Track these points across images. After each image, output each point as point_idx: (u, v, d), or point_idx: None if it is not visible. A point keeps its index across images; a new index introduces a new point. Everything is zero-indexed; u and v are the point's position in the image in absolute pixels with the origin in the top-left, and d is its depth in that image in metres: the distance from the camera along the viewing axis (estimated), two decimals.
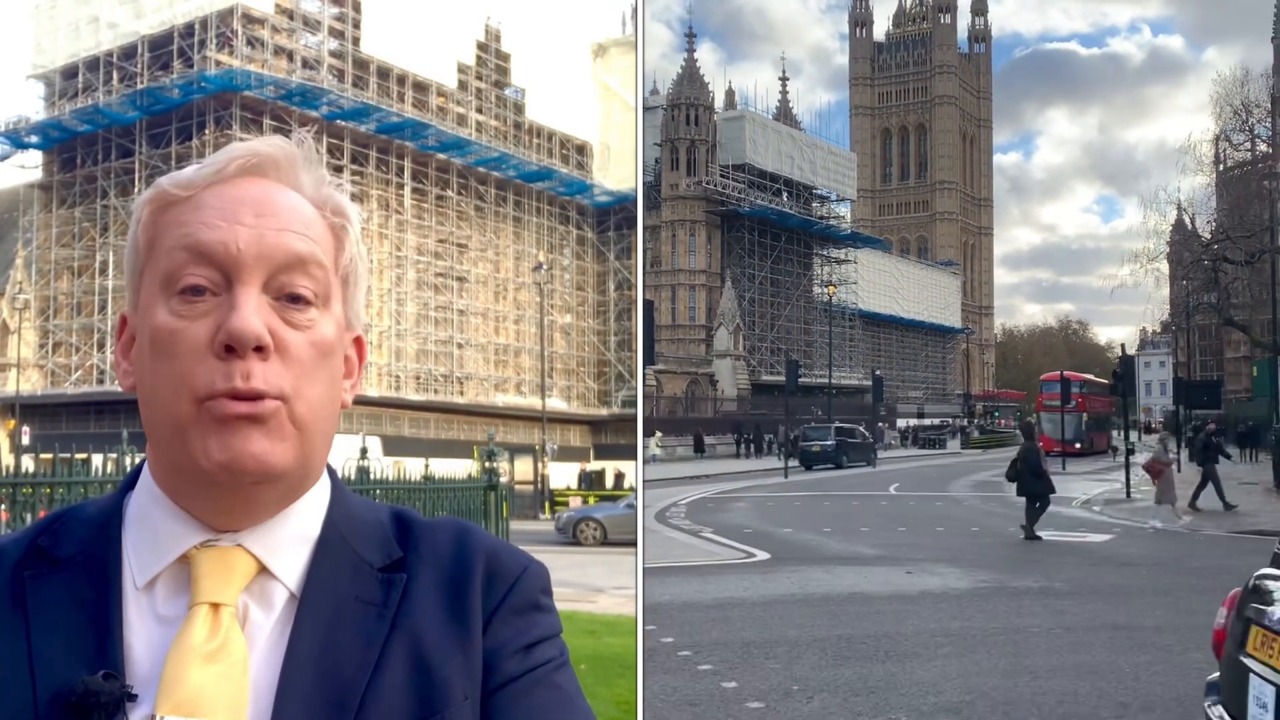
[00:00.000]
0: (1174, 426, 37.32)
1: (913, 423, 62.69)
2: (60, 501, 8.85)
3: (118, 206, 36.71)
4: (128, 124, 36.65)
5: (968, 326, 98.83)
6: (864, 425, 41.76)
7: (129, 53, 36.78)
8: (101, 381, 35.92)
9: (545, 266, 41.10)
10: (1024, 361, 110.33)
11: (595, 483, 31.71)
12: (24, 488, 8.96)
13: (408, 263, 39.67)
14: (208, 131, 35.09)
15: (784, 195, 66.78)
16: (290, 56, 37.02)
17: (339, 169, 34.80)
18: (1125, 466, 23.52)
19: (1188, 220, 40.60)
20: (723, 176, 62.68)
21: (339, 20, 38.17)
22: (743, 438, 44.20)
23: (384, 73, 38.82)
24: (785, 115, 79.00)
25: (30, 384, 37.61)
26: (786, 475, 31.36)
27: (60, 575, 0.87)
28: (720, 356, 57.78)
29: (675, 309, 62.67)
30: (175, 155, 34.61)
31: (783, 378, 43.57)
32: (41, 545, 0.89)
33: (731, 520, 18.27)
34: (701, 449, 41.66)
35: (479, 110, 41.93)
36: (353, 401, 0.95)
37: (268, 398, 0.83)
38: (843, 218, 74.99)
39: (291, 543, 0.89)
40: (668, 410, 49.25)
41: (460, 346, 41.42)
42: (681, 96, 62.95)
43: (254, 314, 0.83)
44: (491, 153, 41.68)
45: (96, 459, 9.85)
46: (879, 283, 78.29)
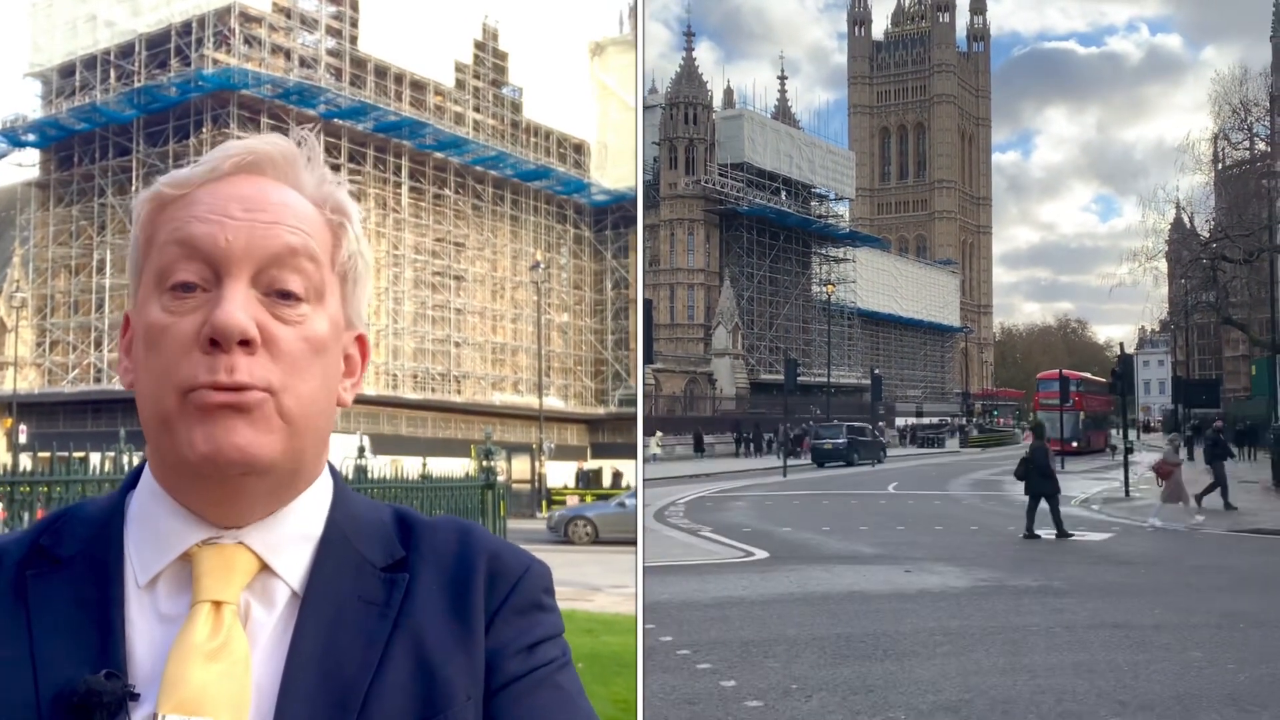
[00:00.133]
0: (1172, 425, 37.33)
1: (911, 421, 62.76)
2: (58, 500, 8.85)
3: (115, 205, 36.65)
4: (125, 122, 36.59)
5: (966, 325, 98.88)
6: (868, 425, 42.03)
7: (126, 51, 36.72)
8: (99, 380, 35.88)
9: (542, 265, 41.07)
10: (1023, 360, 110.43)
11: (593, 481, 31.72)
12: (22, 486, 8.97)
13: (405, 261, 39.63)
14: (205, 130, 35.04)
15: (782, 194, 66.79)
16: (288, 55, 36.96)
17: (336, 168, 34.41)
18: (1124, 465, 23.54)
19: (1186, 219, 40.63)
20: (721, 175, 62.69)
21: (336, 19, 38.12)
22: (742, 437, 44.22)
23: (381, 71, 38.78)
24: (784, 114, 79.00)
25: (27, 382, 37.57)
26: (785, 474, 31.36)
27: (62, 574, 0.86)
28: (719, 355, 57.79)
29: (674, 308, 62.68)
30: (173, 154, 34.54)
31: (781, 377, 43.58)
32: (43, 544, 0.88)
33: (730, 519, 18.28)
34: (701, 448, 41.68)
35: (476, 109, 41.90)
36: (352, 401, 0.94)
37: (253, 390, 0.82)
38: (841, 216, 75.02)
39: (294, 541, 0.89)
40: (666, 409, 49.25)
41: (457, 345, 41.38)
42: (680, 95, 62.94)
43: (239, 308, 0.82)
44: (489, 151, 41.64)
45: (94, 457, 9.85)
46: (878, 282, 78.32)
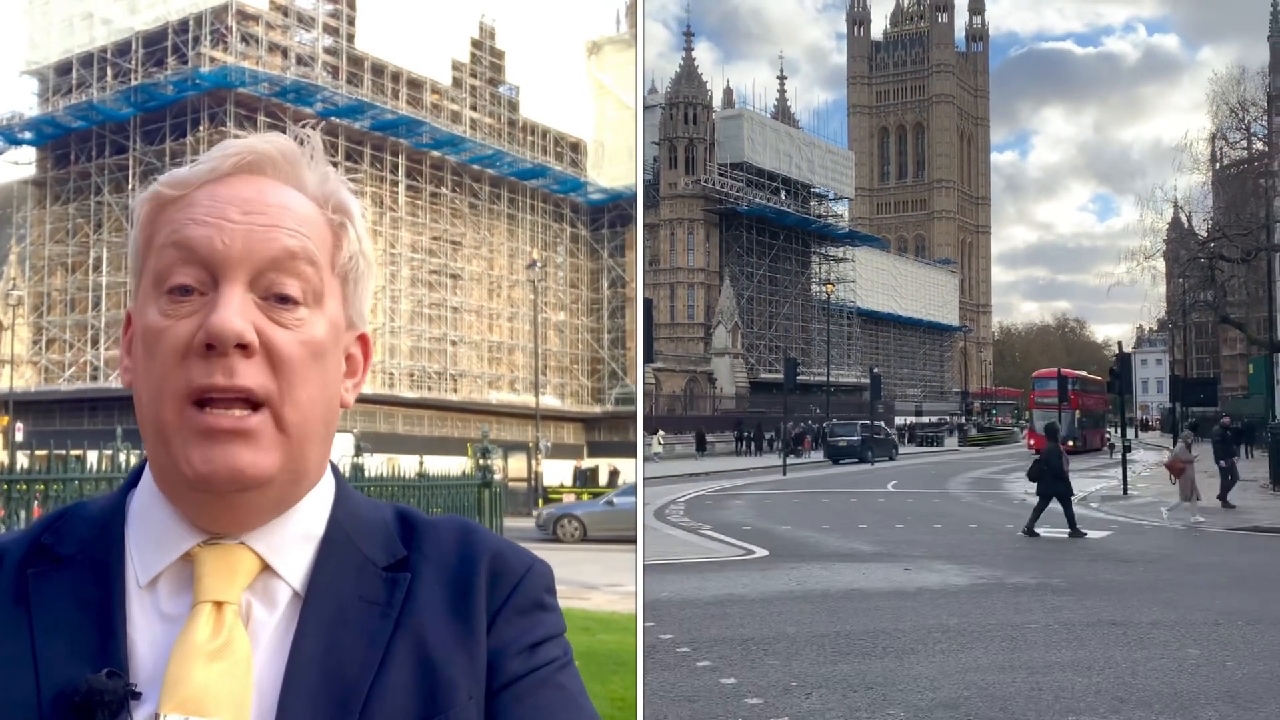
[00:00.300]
0: (1171, 424, 37.34)
1: (910, 420, 62.78)
2: (55, 498, 8.84)
3: (111, 203, 36.61)
4: (122, 120, 36.51)
5: (965, 324, 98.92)
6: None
7: (123, 49, 36.65)
8: (95, 378, 35.83)
9: (539, 264, 41.07)
10: (1021, 359, 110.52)
11: (590, 480, 31.71)
12: (19, 484, 8.95)
13: (402, 260, 39.60)
14: (202, 128, 35.00)
15: (782, 194, 66.80)
16: (285, 53, 36.89)
17: (333, 166, 34.22)
18: (1122, 463, 23.59)
19: (1184, 218, 40.67)
20: (721, 175, 62.69)
21: (333, 17, 38.07)
22: (743, 435, 44.28)
23: (378, 70, 38.74)
24: (783, 114, 79.04)
25: (24, 380, 37.53)
26: (785, 473, 31.41)
27: (63, 573, 0.86)
28: (719, 354, 57.80)
29: (673, 307, 62.70)
30: (169, 152, 34.47)
31: (781, 376, 43.58)
32: (44, 543, 0.88)
33: (730, 517, 18.29)
34: (703, 447, 41.79)
35: (473, 108, 41.86)
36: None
37: (253, 397, 0.82)
38: (840, 216, 75.06)
39: (295, 541, 0.88)
40: (666, 408, 49.29)
41: (454, 344, 41.36)
42: (679, 95, 62.93)
43: (236, 313, 0.81)
44: (486, 150, 41.61)
45: (91, 455, 9.83)
46: (877, 281, 78.37)
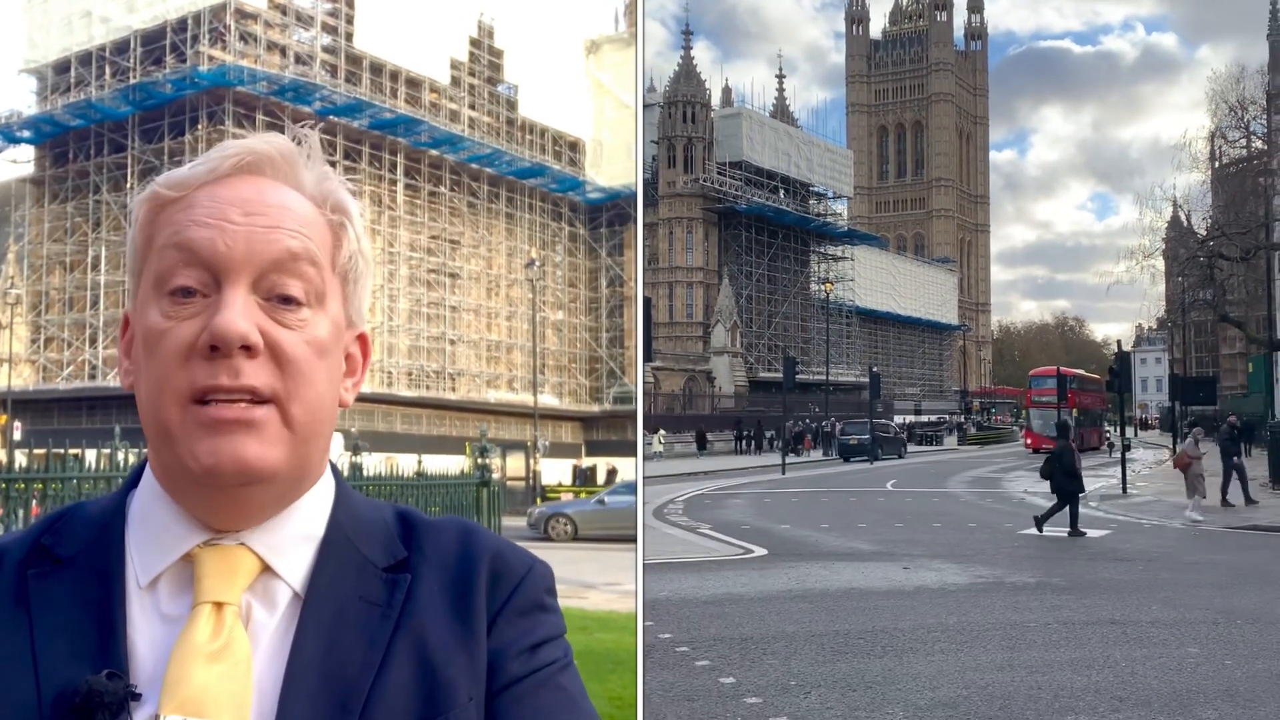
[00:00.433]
0: (1170, 423, 37.32)
1: (910, 419, 62.77)
2: (53, 497, 8.84)
3: (110, 201, 36.58)
4: (120, 119, 36.48)
5: (964, 323, 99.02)
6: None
7: (121, 47, 36.62)
8: (94, 377, 35.80)
9: (537, 263, 41.06)
10: (1020, 358, 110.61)
11: (589, 479, 31.72)
12: (17, 483, 8.94)
13: (400, 259, 39.59)
14: (200, 127, 34.97)
15: (781, 192, 66.79)
16: (283, 52, 36.87)
17: (331, 165, 34.12)
18: (1122, 462, 23.61)
19: (1183, 217, 40.67)
20: (719, 174, 62.68)
21: (332, 16, 38.05)
22: (743, 434, 44.33)
23: (377, 69, 38.73)
24: (782, 113, 79.06)
25: (22, 379, 37.49)
26: (784, 471, 31.43)
27: (63, 574, 0.86)
28: (718, 353, 57.81)
29: (672, 306, 62.71)
30: (168, 150, 34.45)
31: (780, 375, 43.63)
32: (45, 544, 0.88)
33: (729, 516, 18.29)
34: (704, 445, 41.85)
35: (472, 107, 41.85)
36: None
37: (259, 395, 0.82)
38: (839, 215, 75.09)
39: (295, 542, 0.88)
40: (665, 407, 49.30)
41: (452, 343, 41.35)
42: (678, 94, 62.91)
43: (240, 314, 0.82)
44: (484, 149, 41.60)
45: (89, 454, 9.83)
46: (876, 280, 78.40)
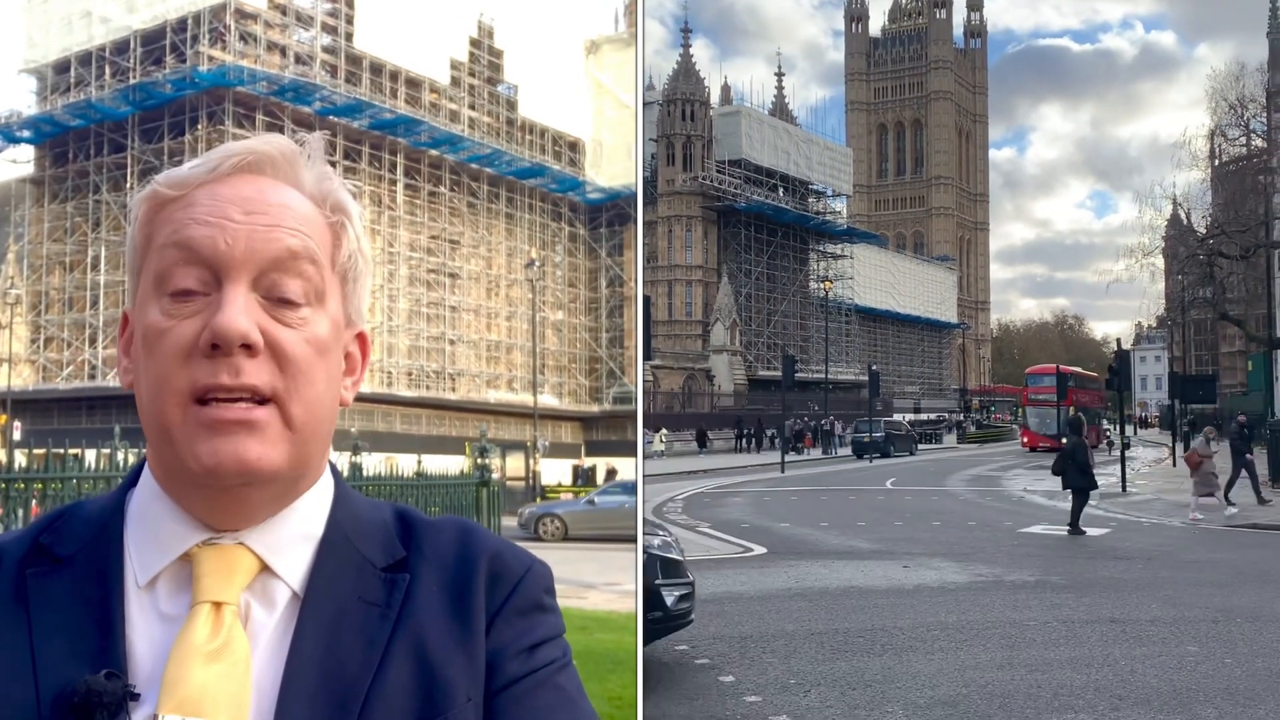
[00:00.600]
0: (1169, 421, 37.29)
1: (909, 417, 62.74)
2: (53, 496, 8.83)
3: (109, 201, 36.60)
4: (120, 119, 36.51)
5: (964, 321, 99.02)
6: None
7: (121, 47, 36.64)
8: (93, 377, 35.80)
9: (537, 263, 41.08)
10: (1020, 357, 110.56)
11: (589, 479, 31.71)
12: (16, 483, 8.94)
13: (400, 259, 39.60)
14: (200, 127, 34.99)
15: (780, 190, 66.75)
16: (283, 52, 36.89)
17: (331, 165, 34.37)
18: (1121, 461, 23.59)
19: (1183, 215, 40.67)
20: (719, 172, 62.65)
21: (332, 16, 38.06)
22: (742, 433, 44.36)
23: (377, 69, 38.75)
24: (781, 111, 78.98)
25: (22, 379, 37.50)
26: (784, 470, 31.43)
27: (62, 573, 0.86)
28: (717, 352, 57.81)
29: (672, 304, 62.70)
30: (168, 150, 34.46)
31: (779, 373, 43.62)
32: (43, 543, 0.88)
33: (729, 515, 18.29)
34: (705, 444, 41.87)
35: (471, 107, 41.87)
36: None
37: (259, 394, 0.82)
38: (839, 213, 75.04)
39: (294, 542, 0.88)
40: (664, 406, 49.29)
41: (452, 343, 41.36)
42: (677, 92, 62.87)
43: (240, 313, 0.82)
44: (484, 149, 41.62)
45: (89, 454, 9.82)
46: (875, 278, 78.39)
